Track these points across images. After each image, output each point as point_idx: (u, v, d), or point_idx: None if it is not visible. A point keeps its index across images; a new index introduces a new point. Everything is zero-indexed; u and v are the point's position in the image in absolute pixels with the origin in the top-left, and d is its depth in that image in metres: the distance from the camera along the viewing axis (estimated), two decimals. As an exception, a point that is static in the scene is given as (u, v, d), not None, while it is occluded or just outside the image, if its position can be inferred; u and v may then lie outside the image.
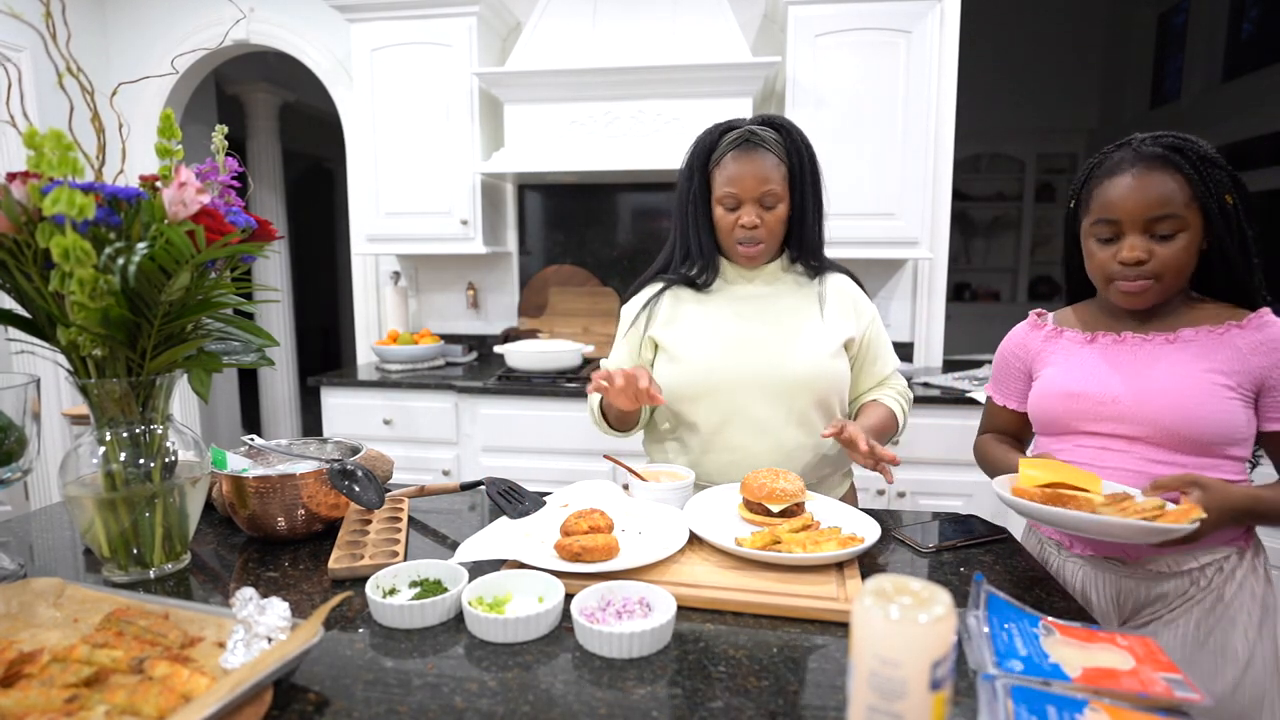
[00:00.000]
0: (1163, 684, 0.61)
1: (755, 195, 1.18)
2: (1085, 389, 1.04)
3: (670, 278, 1.31)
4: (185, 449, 0.90)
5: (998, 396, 1.23)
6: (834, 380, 1.22)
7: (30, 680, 0.59)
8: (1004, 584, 0.87)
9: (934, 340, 2.84)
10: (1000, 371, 1.22)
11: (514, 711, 0.61)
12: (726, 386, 1.20)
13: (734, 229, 1.21)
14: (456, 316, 3.14)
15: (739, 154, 1.18)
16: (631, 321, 1.32)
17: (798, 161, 1.21)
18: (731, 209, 1.20)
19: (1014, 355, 1.20)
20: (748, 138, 1.19)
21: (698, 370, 1.22)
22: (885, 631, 0.47)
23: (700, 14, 2.52)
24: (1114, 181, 0.99)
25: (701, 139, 1.24)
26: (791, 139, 1.21)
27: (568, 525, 0.93)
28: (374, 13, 2.60)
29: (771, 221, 1.20)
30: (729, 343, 1.22)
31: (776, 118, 1.23)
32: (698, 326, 1.25)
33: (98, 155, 0.87)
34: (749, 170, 1.17)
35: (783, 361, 1.20)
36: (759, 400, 1.20)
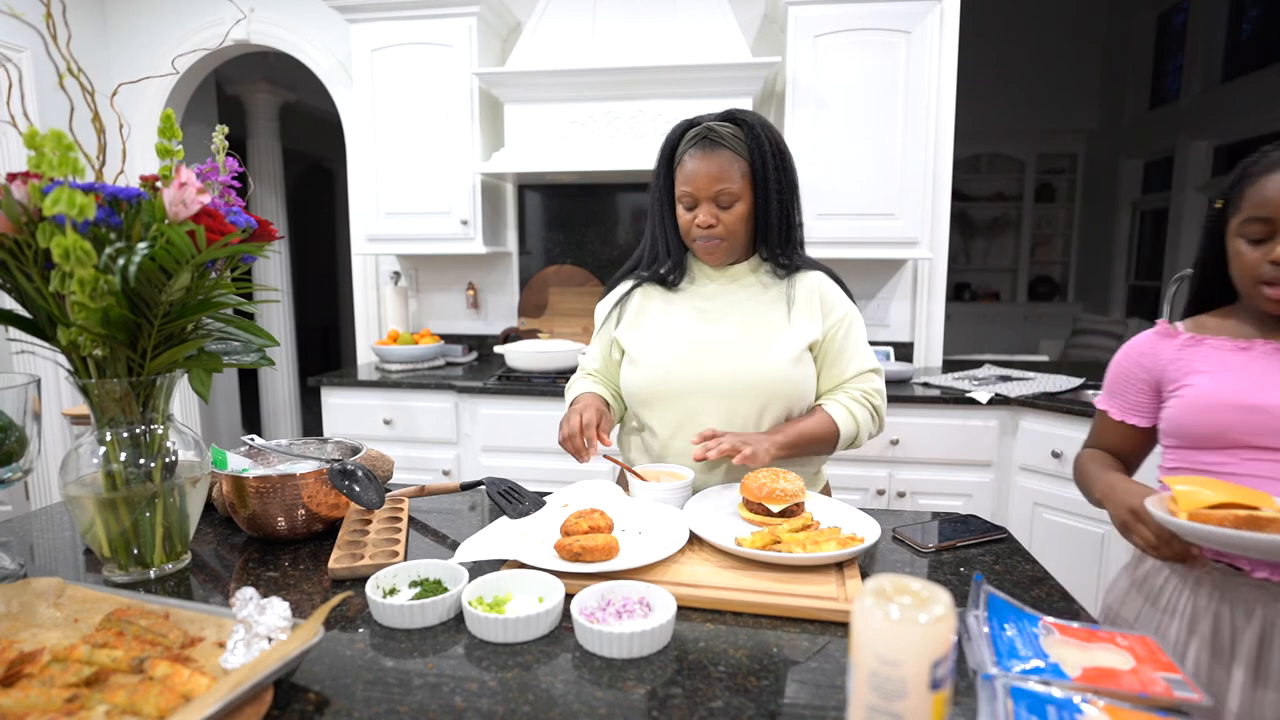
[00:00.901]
0: (1163, 684, 0.61)
1: (710, 194, 1.15)
2: (1263, 401, 0.96)
3: (643, 275, 1.30)
4: (185, 449, 0.90)
5: (1115, 411, 1.14)
6: (792, 386, 1.19)
7: (30, 680, 0.59)
8: (1004, 584, 0.88)
9: (934, 340, 2.84)
10: (1118, 385, 1.13)
11: (514, 711, 0.61)
12: (680, 392, 1.20)
13: (691, 228, 1.19)
14: (456, 316, 3.14)
15: (696, 152, 1.16)
16: (603, 320, 1.33)
17: (759, 158, 1.16)
18: (690, 208, 1.18)
19: (1138, 367, 1.10)
20: (706, 135, 1.16)
21: (654, 375, 1.21)
22: (885, 631, 0.47)
23: (700, 14, 2.52)
24: (1273, 179, 0.95)
25: (668, 137, 1.22)
26: (753, 134, 1.16)
27: (568, 525, 0.93)
28: (374, 13, 2.60)
29: (729, 220, 1.17)
30: (687, 347, 1.21)
31: (741, 113, 1.19)
32: (659, 329, 1.24)
33: (98, 155, 0.87)
34: (703, 169, 1.15)
35: (738, 367, 1.18)
36: (713, 406, 1.19)
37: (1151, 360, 1.09)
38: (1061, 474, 2.12)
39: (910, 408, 2.28)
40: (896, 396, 2.28)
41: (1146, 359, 1.10)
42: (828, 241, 2.52)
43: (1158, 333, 1.11)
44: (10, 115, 1.04)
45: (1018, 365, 2.84)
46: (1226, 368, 1.02)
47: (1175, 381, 1.06)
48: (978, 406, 2.24)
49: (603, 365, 1.34)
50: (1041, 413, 2.17)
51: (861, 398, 1.23)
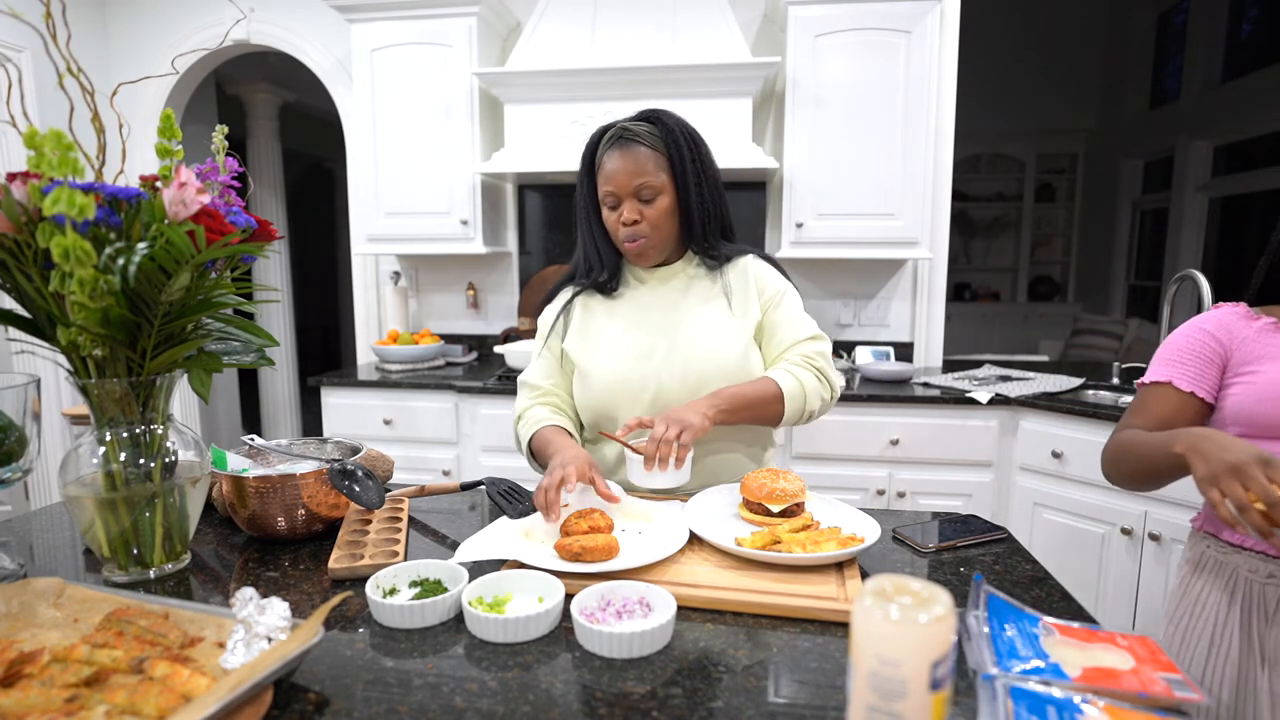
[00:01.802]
0: (1163, 684, 0.61)
1: (631, 190, 1.15)
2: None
3: (582, 283, 1.28)
4: (185, 449, 0.90)
5: (1182, 381, 1.05)
6: (746, 377, 1.19)
7: (30, 680, 0.59)
8: (1004, 584, 0.87)
9: (934, 340, 2.84)
10: (1185, 355, 1.06)
11: (514, 711, 0.61)
12: (636, 401, 1.19)
13: (618, 227, 1.18)
14: (456, 316, 3.14)
15: (614, 151, 1.16)
16: (547, 334, 1.30)
17: (676, 151, 1.16)
18: (613, 208, 1.18)
19: (1213, 339, 1.04)
20: (621, 134, 1.17)
21: (608, 387, 1.20)
22: (885, 631, 0.47)
23: (700, 14, 2.52)
24: None
25: (588, 143, 1.22)
26: (667, 129, 1.17)
27: (568, 525, 0.93)
28: (374, 13, 2.60)
29: (654, 215, 1.17)
30: (636, 354, 1.20)
31: (654, 111, 1.20)
32: (605, 339, 1.23)
33: (98, 155, 0.87)
34: (621, 166, 1.15)
35: (691, 367, 1.18)
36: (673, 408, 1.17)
37: (1228, 335, 1.04)
38: (1062, 474, 2.12)
39: (910, 408, 2.28)
40: (896, 396, 2.28)
41: (1223, 333, 1.04)
42: (828, 241, 2.52)
43: (1236, 313, 1.06)
44: (10, 115, 1.04)
45: (1018, 365, 2.84)
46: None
47: (1247, 364, 1.01)
48: (978, 406, 2.24)
49: (557, 380, 1.29)
50: (1041, 413, 2.17)
51: (803, 361, 1.21)
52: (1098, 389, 2.39)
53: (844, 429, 2.32)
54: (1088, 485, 2.07)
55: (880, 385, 2.44)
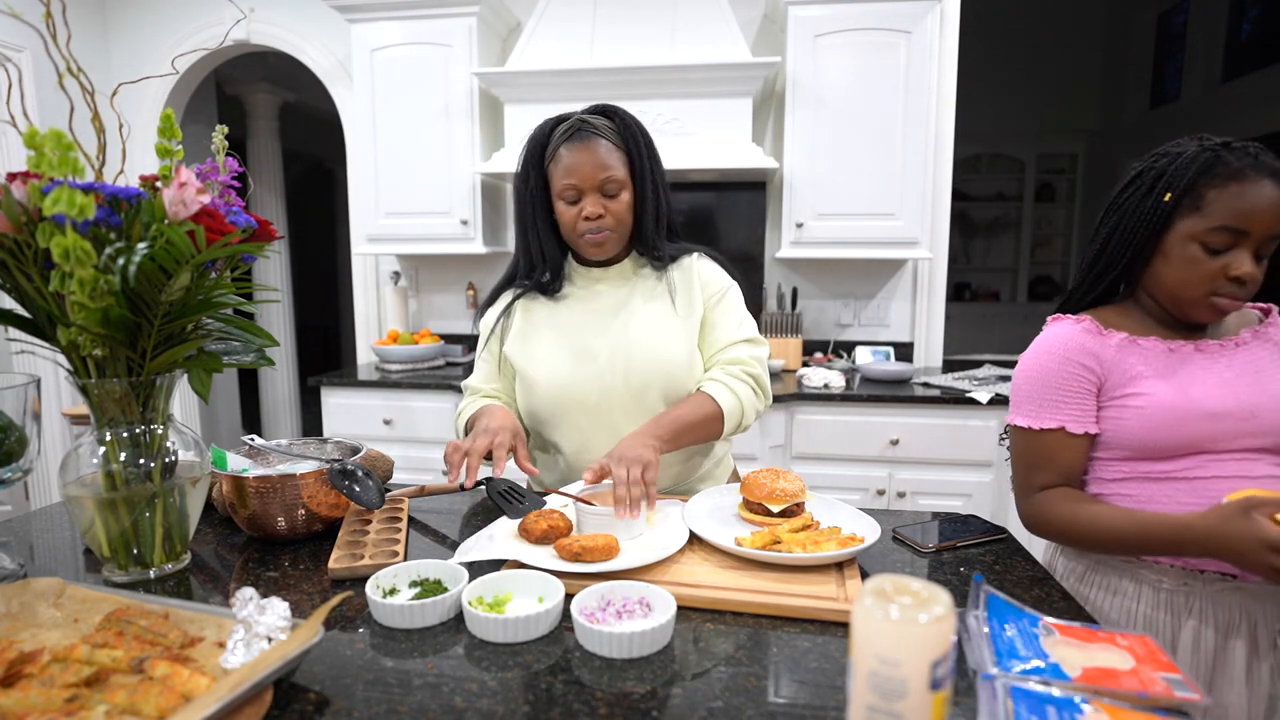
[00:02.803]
0: (1162, 684, 0.61)
1: (596, 183, 1.12)
2: (1225, 407, 0.92)
3: (523, 285, 1.25)
4: (185, 449, 0.90)
5: (1075, 424, 0.98)
6: (691, 380, 1.18)
7: (30, 680, 0.59)
8: (1004, 584, 0.87)
9: (934, 340, 2.84)
10: (1065, 392, 0.99)
11: (514, 711, 0.61)
12: (581, 406, 1.17)
13: (578, 222, 1.15)
14: (456, 316, 3.14)
15: (573, 144, 1.12)
16: (488, 337, 1.27)
17: (635, 147, 1.15)
18: (573, 202, 1.14)
19: (1082, 369, 0.98)
20: (579, 127, 1.13)
21: (551, 392, 1.18)
22: (885, 631, 0.47)
23: (700, 14, 2.52)
24: (1251, 190, 0.89)
25: (533, 136, 1.18)
26: (625, 124, 1.15)
27: (526, 524, 0.92)
28: (374, 13, 2.60)
29: (617, 210, 1.14)
30: (581, 360, 1.18)
31: (608, 106, 1.18)
32: (548, 343, 1.20)
33: (98, 155, 0.87)
34: (586, 159, 1.11)
35: (635, 370, 1.16)
36: (618, 415, 1.17)
37: (1095, 361, 0.98)
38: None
39: (910, 408, 2.28)
40: (896, 396, 2.28)
41: (1089, 359, 0.98)
42: (828, 241, 2.52)
43: (1086, 330, 1.00)
44: (10, 115, 1.04)
45: (1018, 365, 2.83)
46: (1172, 372, 0.96)
47: (1124, 388, 0.97)
48: (978, 406, 2.24)
49: (498, 385, 1.28)
50: (1041, 413, 2.17)
51: (740, 373, 1.18)
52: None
53: (844, 429, 2.32)
54: (1088, 485, 2.07)
55: (880, 385, 2.44)
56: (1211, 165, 0.92)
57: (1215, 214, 0.91)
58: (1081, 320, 1.01)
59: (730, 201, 2.87)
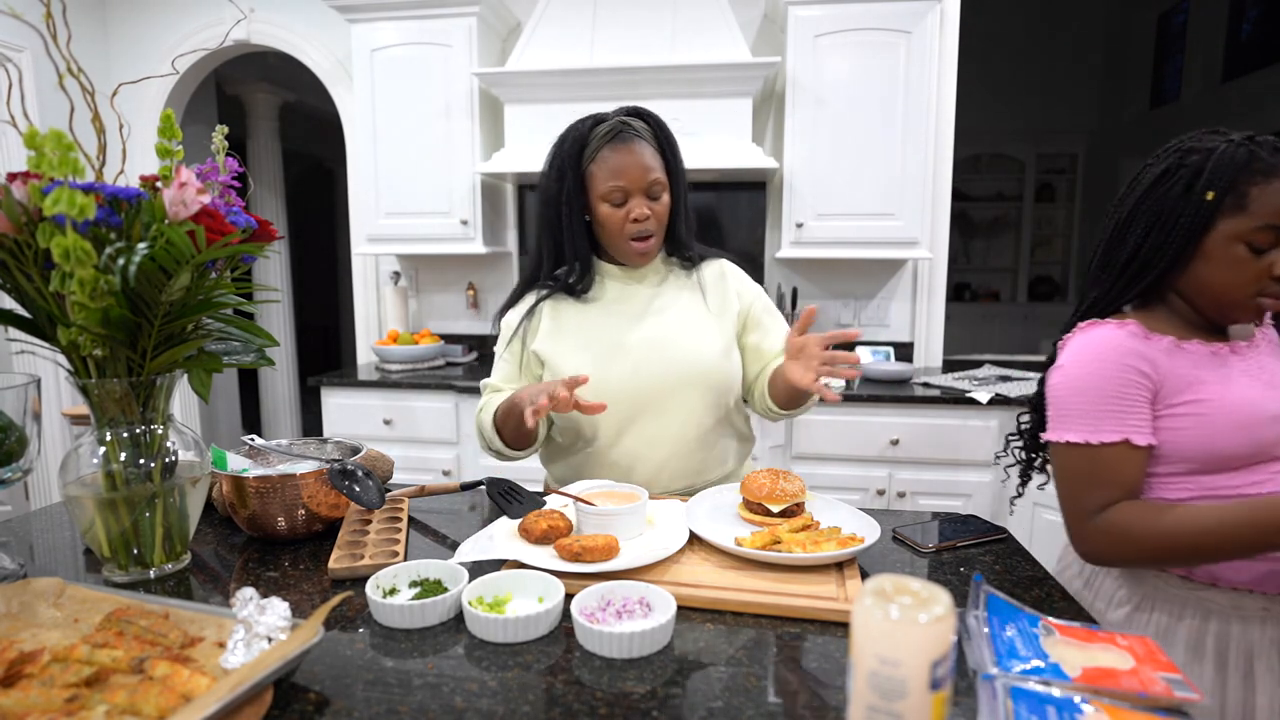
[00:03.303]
0: (1162, 684, 0.61)
1: (644, 185, 1.13)
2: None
3: (548, 286, 1.24)
4: (185, 449, 0.90)
5: (1138, 435, 0.90)
6: (727, 376, 1.19)
7: (30, 680, 0.59)
8: (1004, 584, 0.87)
9: (934, 340, 2.84)
10: (1125, 402, 0.91)
11: (514, 711, 0.61)
12: (617, 398, 1.16)
13: (624, 224, 1.15)
14: (456, 316, 3.14)
15: (617, 146, 1.12)
16: (510, 337, 1.25)
17: (669, 151, 1.17)
18: (619, 204, 1.14)
19: (1139, 375, 0.91)
20: (621, 129, 1.13)
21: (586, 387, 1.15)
22: (885, 631, 0.47)
23: (700, 14, 2.52)
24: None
25: (568, 136, 1.17)
26: (661, 129, 1.17)
27: (526, 524, 0.92)
28: (374, 13, 2.60)
29: (660, 211, 1.16)
30: (616, 354, 1.17)
31: (639, 108, 1.19)
32: (581, 341, 1.19)
33: (98, 155, 0.87)
34: (632, 160, 1.12)
35: (671, 365, 1.17)
36: (652, 408, 1.17)
37: (1150, 366, 0.91)
38: (1061, 474, 2.12)
39: (910, 408, 2.28)
40: (896, 397, 2.28)
41: (1145, 364, 0.91)
42: (828, 241, 2.52)
43: (1133, 334, 0.93)
44: (10, 115, 1.04)
45: (1018, 365, 2.84)
46: (1223, 376, 0.91)
47: (1179, 394, 0.90)
48: (978, 406, 2.24)
49: (520, 384, 1.25)
50: (1041, 413, 2.17)
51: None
52: (1098, 389, 2.38)
53: (844, 429, 2.32)
54: (1088, 485, 2.07)
55: (880, 385, 2.44)
56: (1249, 161, 0.88)
57: (1260, 212, 0.87)
58: (1125, 324, 0.94)
59: (730, 201, 2.87)
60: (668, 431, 1.18)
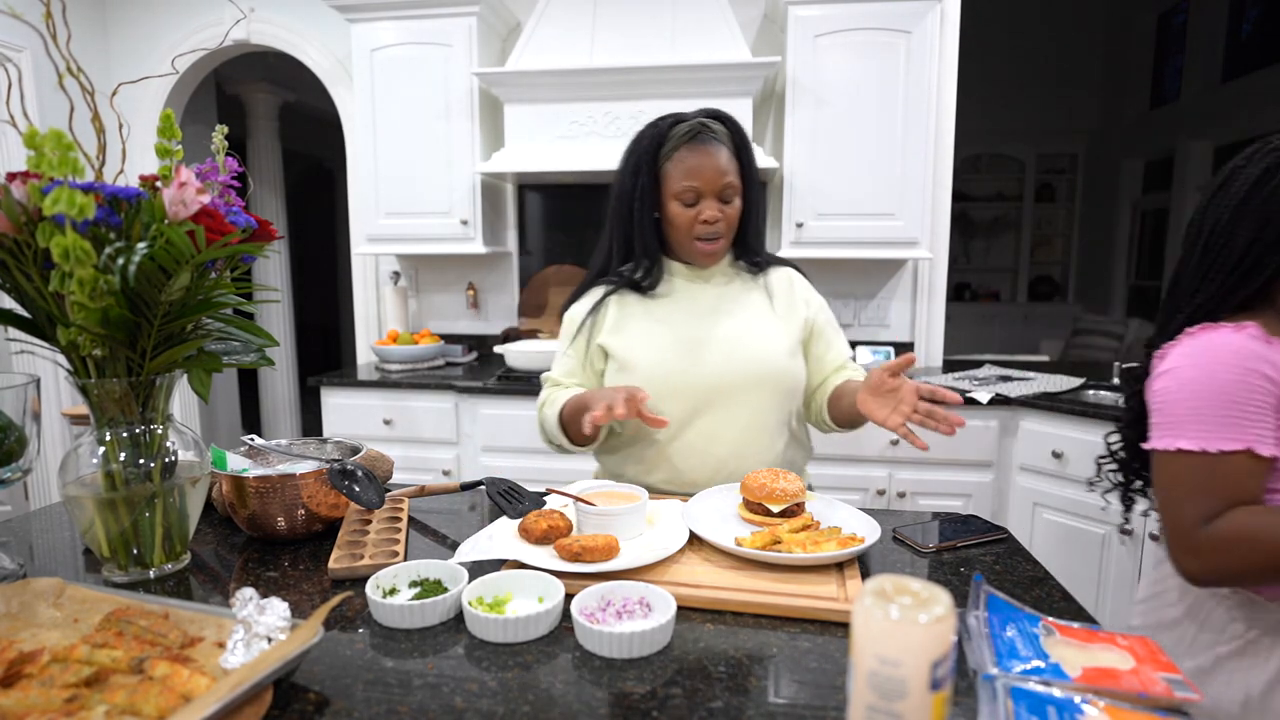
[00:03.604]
0: (1163, 684, 0.61)
1: (716, 188, 1.14)
2: None
3: (614, 281, 1.25)
4: (185, 449, 0.90)
5: (1262, 445, 0.84)
6: (790, 378, 1.20)
7: (30, 680, 0.59)
8: (1004, 584, 0.87)
9: (934, 340, 2.84)
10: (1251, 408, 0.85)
11: (514, 711, 0.61)
12: (682, 392, 1.17)
13: (694, 225, 1.16)
14: (456, 316, 3.14)
15: (695, 146, 1.13)
16: (576, 330, 1.26)
17: (745, 156, 1.18)
18: (690, 204, 1.16)
19: (1267, 380, 0.85)
20: (700, 130, 1.14)
21: (652, 378, 1.17)
22: (885, 631, 0.47)
23: (700, 14, 2.52)
24: None
25: (646, 134, 1.18)
26: (739, 134, 1.18)
27: (526, 524, 0.92)
28: (374, 13, 2.60)
29: (731, 215, 1.17)
30: (682, 347, 1.18)
31: (719, 111, 1.19)
32: (648, 333, 1.20)
33: (98, 155, 0.87)
34: (708, 163, 1.13)
35: (735, 362, 1.17)
36: (716, 404, 1.17)
37: (1275, 370, 0.85)
38: (1062, 474, 2.12)
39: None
40: (896, 396, 2.28)
41: (1269, 368, 0.85)
42: (828, 241, 2.52)
43: (1253, 336, 0.87)
44: (10, 115, 1.04)
45: (1018, 365, 2.84)
46: None
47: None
48: (978, 406, 2.24)
49: (582, 377, 1.28)
50: (1042, 413, 2.17)
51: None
52: (1098, 389, 2.39)
53: (844, 429, 2.32)
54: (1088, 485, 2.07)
55: (880, 385, 2.44)
56: None
57: None
58: (1244, 327, 0.88)
59: (730, 201, 2.87)
60: (729, 430, 1.18)
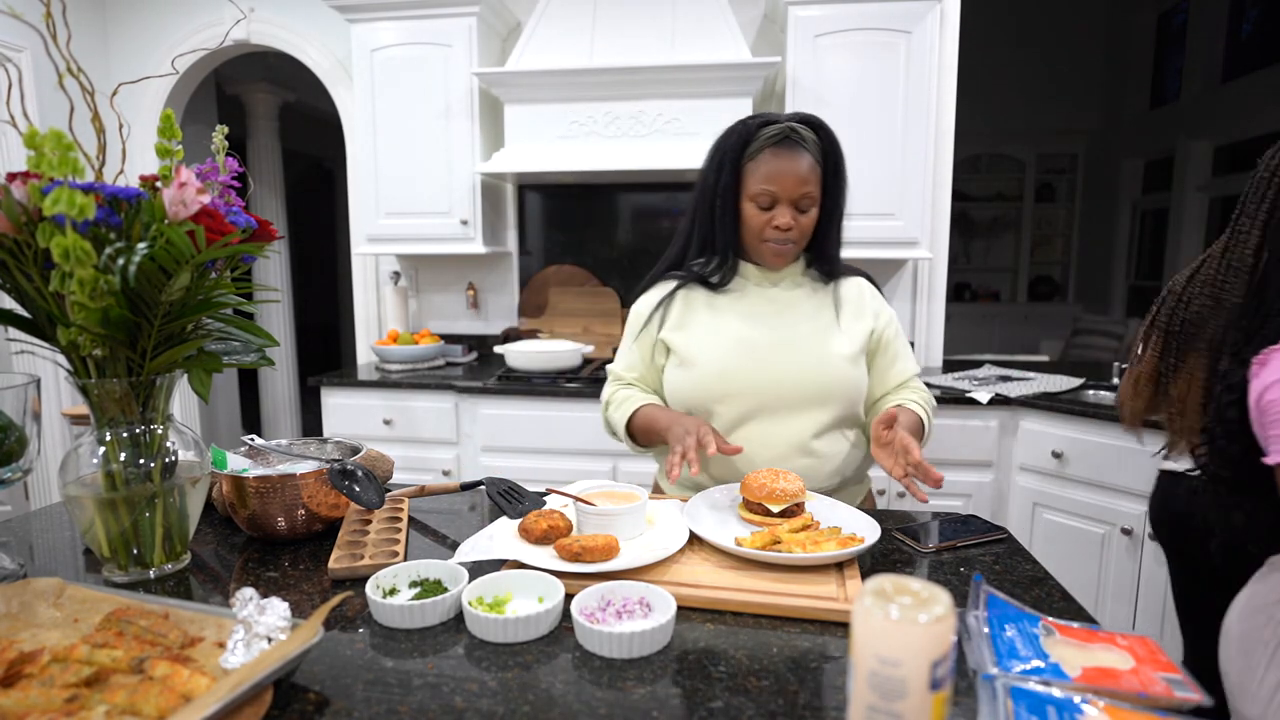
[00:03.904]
0: (1163, 684, 0.61)
1: (793, 196, 1.13)
2: None
3: (683, 275, 1.26)
4: (185, 449, 0.90)
5: None
6: (850, 389, 1.18)
7: (30, 680, 0.59)
8: (1004, 584, 0.87)
9: (934, 340, 2.84)
10: None
11: (514, 711, 0.61)
12: (736, 395, 1.17)
13: (765, 229, 1.16)
14: (456, 316, 3.14)
15: (779, 151, 1.12)
16: (644, 324, 1.27)
17: (831, 165, 1.16)
18: (765, 208, 1.15)
19: None
20: (789, 134, 1.13)
21: (710, 376, 1.18)
22: (885, 631, 0.47)
23: (700, 14, 2.52)
24: None
25: (736, 130, 1.17)
26: (830, 144, 1.16)
27: (525, 524, 0.92)
28: (374, 13, 2.60)
29: (805, 224, 1.16)
30: (744, 348, 1.18)
31: (813, 117, 1.17)
32: (711, 330, 1.21)
33: (98, 155, 0.87)
34: (789, 169, 1.12)
35: (794, 369, 1.17)
36: (771, 408, 1.17)
37: None
38: (1062, 474, 2.12)
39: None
40: (896, 396, 2.28)
41: None
42: (828, 241, 2.52)
43: None
44: (10, 115, 1.04)
45: (1018, 365, 2.84)
46: None
47: None
48: (978, 406, 2.24)
49: (643, 371, 1.29)
50: (1042, 413, 2.17)
51: (929, 400, 1.25)
52: (1098, 389, 2.39)
53: (844, 429, 2.32)
54: (1088, 485, 2.07)
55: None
56: None
57: None
58: None
59: (730, 201, 2.87)
60: (782, 434, 1.17)
